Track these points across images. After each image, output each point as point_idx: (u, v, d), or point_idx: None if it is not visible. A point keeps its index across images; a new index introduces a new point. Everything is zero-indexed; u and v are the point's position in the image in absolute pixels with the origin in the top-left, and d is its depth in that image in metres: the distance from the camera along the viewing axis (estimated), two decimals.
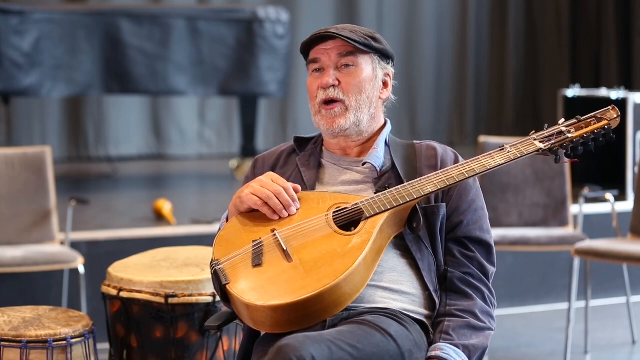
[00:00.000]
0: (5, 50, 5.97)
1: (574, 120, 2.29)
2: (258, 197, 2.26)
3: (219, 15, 6.53)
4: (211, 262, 2.22)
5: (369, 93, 2.37)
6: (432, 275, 2.26)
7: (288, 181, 2.32)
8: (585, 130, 2.26)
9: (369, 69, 2.37)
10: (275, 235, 2.22)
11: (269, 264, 2.17)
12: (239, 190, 2.32)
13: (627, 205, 5.42)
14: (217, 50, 6.47)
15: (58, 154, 7.69)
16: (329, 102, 2.35)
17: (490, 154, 2.27)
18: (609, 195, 4.76)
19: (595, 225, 5.29)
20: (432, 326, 2.25)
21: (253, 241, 2.22)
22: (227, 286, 2.15)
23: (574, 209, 4.93)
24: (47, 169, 4.44)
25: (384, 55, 2.40)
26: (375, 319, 2.12)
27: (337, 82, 2.34)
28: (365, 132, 2.39)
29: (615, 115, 2.27)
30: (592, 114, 2.29)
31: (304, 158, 2.44)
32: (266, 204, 2.26)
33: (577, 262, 4.38)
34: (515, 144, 2.27)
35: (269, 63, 6.52)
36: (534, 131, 2.31)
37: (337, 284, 2.09)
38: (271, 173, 2.32)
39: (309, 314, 2.09)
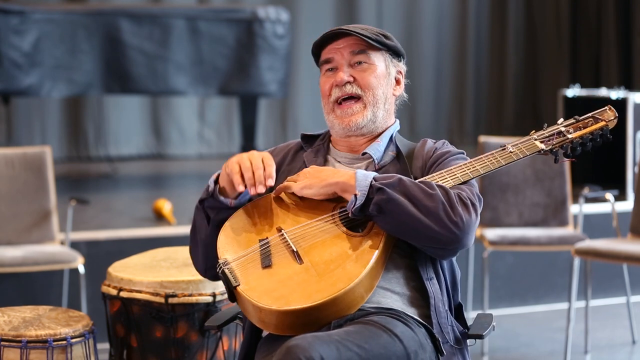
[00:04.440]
0: (5, 50, 5.97)
1: (573, 120, 2.33)
2: (239, 166, 2.24)
3: (219, 15, 6.53)
4: (218, 263, 2.20)
5: (384, 89, 2.39)
6: (429, 270, 2.26)
7: None
8: (584, 131, 2.30)
9: (382, 65, 2.38)
10: (282, 234, 2.21)
11: (279, 266, 2.15)
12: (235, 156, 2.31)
13: (627, 205, 5.42)
14: (217, 50, 6.47)
15: (58, 154, 7.69)
16: (345, 99, 2.36)
17: (493, 154, 2.28)
18: (609, 195, 4.76)
19: (595, 225, 5.30)
20: None
21: (260, 240, 2.21)
22: (238, 288, 2.14)
23: (574, 209, 4.93)
24: (47, 169, 4.44)
25: (396, 53, 2.41)
26: (381, 320, 2.12)
27: (352, 79, 2.35)
28: (379, 128, 2.40)
29: (612, 117, 2.31)
30: (590, 115, 2.33)
31: (311, 154, 2.44)
32: (242, 175, 2.23)
33: (577, 262, 4.38)
34: (517, 144, 2.29)
35: (269, 63, 6.52)
36: (534, 130, 2.33)
37: (352, 287, 2.08)
38: (265, 153, 2.30)
39: (321, 317, 2.08)
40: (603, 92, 6.46)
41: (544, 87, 9.04)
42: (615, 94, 6.22)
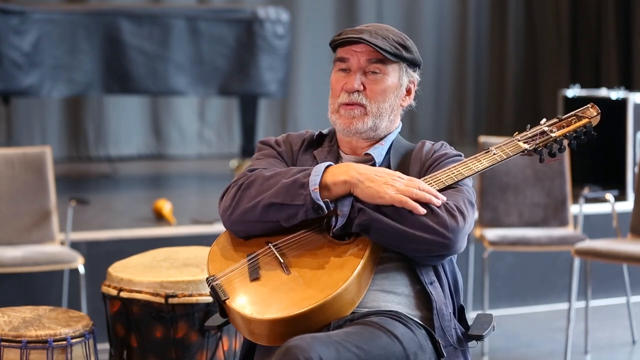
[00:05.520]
0: (5, 50, 5.97)
1: (555, 120, 2.36)
2: (401, 192, 2.18)
3: (219, 15, 6.53)
4: (207, 279, 2.21)
5: (391, 102, 2.37)
6: (429, 274, 2.26)
7: None
8: (567, 129, 2.34)
9: (395, 77, 2.36)
10: (269, 248, 2.22)
11: (267, 277, 2.16)
12: (365, 177, 2.20)
13: (627, 205, 5.42)
14: (217, 50, 6.47)
15: (58, 154, 7.69)
16: (350, 103, 2.35)
17: (477, 156, 2.30)
18: (609, 195, 4.76)
19: (595, 225, 5.30)
20: None
21: (247, 255, 2.22)
22: (227, 301, 2.14)
23: (574, 209, 4.93)
24: (47, 169, 4.44)
25: (412, 64, 2.40)
26: (381, 321, 2.13)
27: (362, 88, 2.34)
28: (381, 134, 2.40)
29: (595, 113, 2.35)
30: (572, 113, 2.37)
31: (322, 154, 2.43)
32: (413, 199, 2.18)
33: (577, 262, 4.38)
34: (500, 146, 2.32)
35: (269, 63, 6.52)
36: (517, 132, 2.35)
37: (339, 293, 2.09)
38: (398, 173, 2.25)
39: (310, 325, 2.09)
40: (603, 92, 6.45)
41: (544, 87, 9.04)
42: (615, 94, 6.22)
